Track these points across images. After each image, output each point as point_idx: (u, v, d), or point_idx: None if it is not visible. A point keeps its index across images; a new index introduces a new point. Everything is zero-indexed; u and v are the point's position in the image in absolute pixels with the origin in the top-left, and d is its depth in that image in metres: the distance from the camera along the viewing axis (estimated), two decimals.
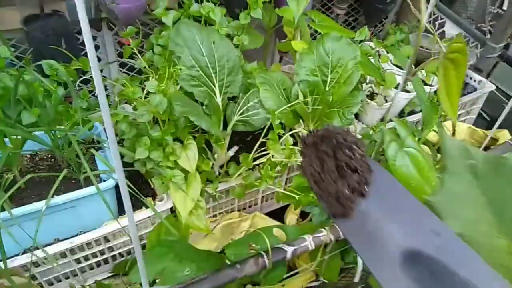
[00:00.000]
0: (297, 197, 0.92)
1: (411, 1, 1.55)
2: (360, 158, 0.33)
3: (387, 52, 1.29)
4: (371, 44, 1.23)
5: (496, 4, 1.59)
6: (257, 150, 1.05)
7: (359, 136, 1.05)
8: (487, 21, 1.62)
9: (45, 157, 0.93)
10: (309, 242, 0.77)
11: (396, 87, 1.18)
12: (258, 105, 0.90)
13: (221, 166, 1.02)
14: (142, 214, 0.90)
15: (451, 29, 1.51)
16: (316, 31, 1.60)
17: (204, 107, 0.87)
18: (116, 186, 0.86)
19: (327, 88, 1.00)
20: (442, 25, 1.53)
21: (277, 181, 1.01)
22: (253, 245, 0.82)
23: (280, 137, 0.88)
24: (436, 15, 1.54)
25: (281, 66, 1.31)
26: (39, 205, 0.77)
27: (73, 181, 0.88)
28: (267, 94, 0.88)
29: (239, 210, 1.13)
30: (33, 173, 0.84)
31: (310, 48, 0.98)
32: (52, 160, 0.92)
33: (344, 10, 1.35)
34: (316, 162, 0.34)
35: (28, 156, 0.93)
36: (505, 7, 1.55)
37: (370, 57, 1.08)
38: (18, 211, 0.76)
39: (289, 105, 0.89)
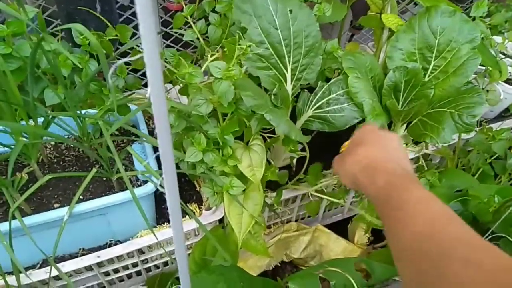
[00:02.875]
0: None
1: None
2: None
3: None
4: None
5: None
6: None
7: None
8: None
9: (72, 145, 0.76)
10: None
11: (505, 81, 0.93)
12: (343, 98, 0.69)
13: (281, 168, 0.83)
14: (185, 225, 0.72)
15: None
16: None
17: (272, 96, 0.67)
18: (155, 191, 0.68)
19: (426, 78, 0.77)
20: None
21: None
22: (330, 281, 0.63)
23: None
24: None
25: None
26: (60, 213, 0.60)
27: (104, 179, 0.71)
28: (359, 84, 0.66)
29: (296, 220, 0.94)
30: (54, 172, 0.68)
31: (411, 24, 0.75)
32: (81, 150, 0.75)
33: None
34: None
35: (52, 143, 0.76)
36: None
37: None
38: (34, 219, 0.60)
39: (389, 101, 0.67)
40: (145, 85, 0.88)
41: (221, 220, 0.77)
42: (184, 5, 0.69)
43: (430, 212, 0.39)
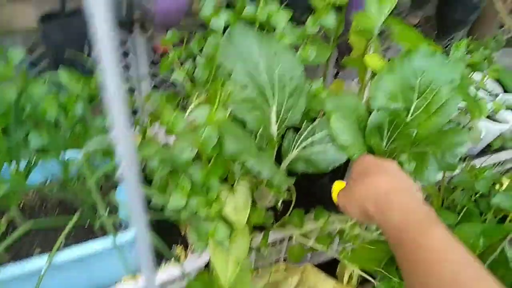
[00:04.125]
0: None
1: (486, 13, 1.31)
2: None
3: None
4: None
5: None
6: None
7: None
8: None
9: (57, 188, 0.75)
10: None
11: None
12: (327, 139, 0.69)
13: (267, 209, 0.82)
14: (170, 271, 0.70)
15: None
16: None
17: (256, 138, 0.67)
18: None
19: (408, 119, 0.78)
20: None
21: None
22: None
23: None
24: None
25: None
26: (39, 262, 0.58)
27: (88, 225, 0.69)
28: (341, 124, 0.67)
29: (285, 260, 0.92)
30: (36, 218, 0.66)
31: (392, 66, 0.77)
32: (65, 195, 0.74)
33: (417, 19, 1.13)
34: None
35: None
36: None
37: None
38: (11, 270, 0.58)
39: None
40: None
41: (208, 263, 0.76)
42: (171, 48, 0.70)
43: (450, 262, 0.37)
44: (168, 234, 0.79)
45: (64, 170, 0.65)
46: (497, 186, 0.84)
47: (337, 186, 0.62)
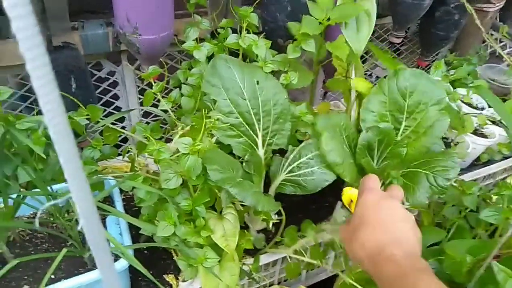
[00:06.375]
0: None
1: (469, 29, 1.34)
2: None
3: (453, 87, 1.09)
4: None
5: None
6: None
7: None
8: None
9: (46, 220, 0.75)
10: None
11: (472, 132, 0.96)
12: (313, 161, 0.70)
13: (259, 231, 0.82)
14: None
15: None
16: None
17: (243, 163, 0.68)
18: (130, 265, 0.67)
19: (398, 138, 0.79)
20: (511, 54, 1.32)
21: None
22: None
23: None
24: (503, 43, 1.33)
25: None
26: None
27: (78, 256, 0.69)
28: (332, 144, 0.68)
29: (279, 283, 0.91)
30: (26, 251, 0.66)
31: (380, 87, 0.78)
32: (55, 226, 0.74)
33: (400, 39, 1.16)
34: None
35: (25, 218, 0.75)
36: None
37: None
38: None
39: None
40: (119, 155, 0.89)
41: None
42: (153, 82, 0.72)
43: None
44: (160, 260, 0.79)
45: (52, 203, 0.66)
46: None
47: (346, 192, 0.62)
